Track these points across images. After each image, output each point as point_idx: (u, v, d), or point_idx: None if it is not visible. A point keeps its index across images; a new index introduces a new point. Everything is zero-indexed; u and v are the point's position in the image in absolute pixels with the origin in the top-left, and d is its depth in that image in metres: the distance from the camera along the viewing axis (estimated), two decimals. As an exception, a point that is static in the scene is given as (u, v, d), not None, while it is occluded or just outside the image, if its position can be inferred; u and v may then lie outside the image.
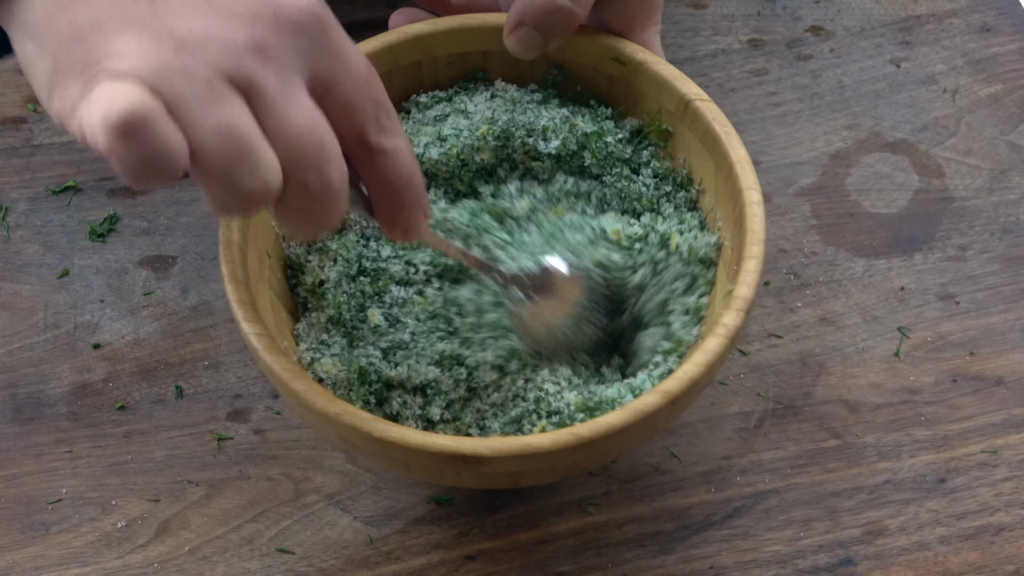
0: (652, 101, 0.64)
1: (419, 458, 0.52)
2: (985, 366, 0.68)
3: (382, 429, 0.52)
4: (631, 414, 0.52)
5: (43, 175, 0.76)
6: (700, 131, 0.62)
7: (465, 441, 0.51)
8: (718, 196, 0.61)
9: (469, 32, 0.64)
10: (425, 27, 0.64)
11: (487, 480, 0.56)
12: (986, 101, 0.80)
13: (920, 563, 0.62)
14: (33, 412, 0.66)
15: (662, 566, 0.62)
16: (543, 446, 0.51)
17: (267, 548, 0.62)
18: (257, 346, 0.54)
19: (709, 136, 0.61)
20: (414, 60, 0.65)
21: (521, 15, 0.60)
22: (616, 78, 0.65)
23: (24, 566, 0.61)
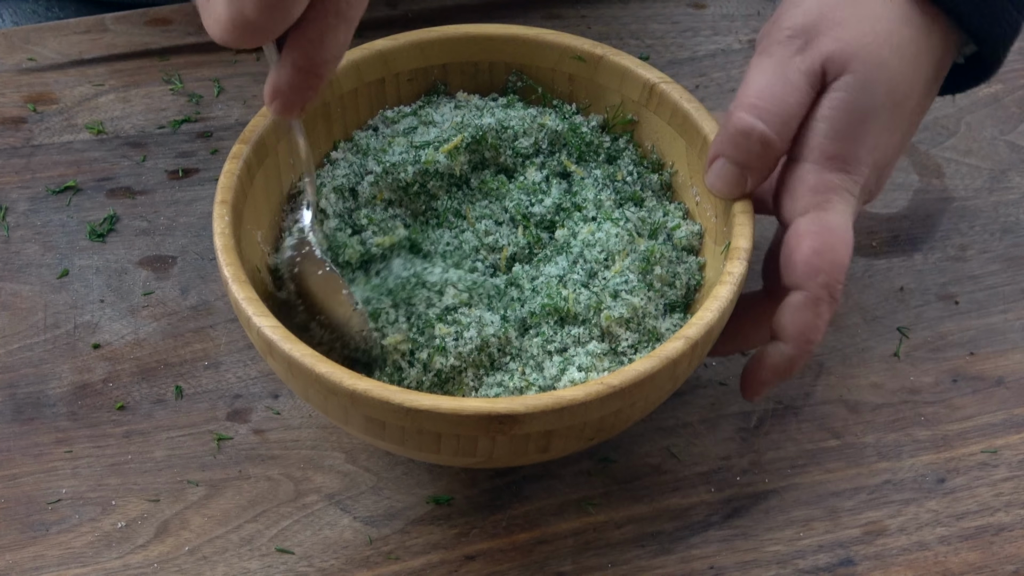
0: (614, 94, 0.65)
1: (452, 426, 0.53)
2: (985, 366, 0.68)
3: (413, 399, 0.52)
4: (657, 360, 0.53)
5: (43, 175, 0.76)
6: (667, 113, 0.63)
7: (498, 401, 0.52)
8: (692, 173, 0.62)
9: (430, 46, 0.66)
10: (387, 42, 0.65)
11: (519, 447, 0.55)
12: (986, 101, 0.80)
13: (920, 563, 0.62)
14: (33, 412, 0.66)
15: (662, 566, 0.62)
16: (576, 398, 0.52)
17: (267, 548, 0.62)
18: (273, 338, 0.54)
19: (678, 115, 0.62)
20: (378, 77, 0.66)
21: (719, 146, 0.57)
22: (576, 76, 0.66)
23: (24, 566, 0.61)
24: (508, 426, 0.53)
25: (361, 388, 0.53)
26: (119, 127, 0.78)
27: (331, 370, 0.53)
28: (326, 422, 0.66)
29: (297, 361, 0.54)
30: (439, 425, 0.53)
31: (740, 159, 0.57)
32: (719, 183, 0.58)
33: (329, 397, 0.54)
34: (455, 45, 0.66)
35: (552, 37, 0.65)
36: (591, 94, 0.66)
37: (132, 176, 0.76)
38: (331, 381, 0.53)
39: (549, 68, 0.66)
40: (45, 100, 0.79)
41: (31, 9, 0.92)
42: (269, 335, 0.54)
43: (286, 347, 0.54)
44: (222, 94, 0.79)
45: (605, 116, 0.66)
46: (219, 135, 0.77)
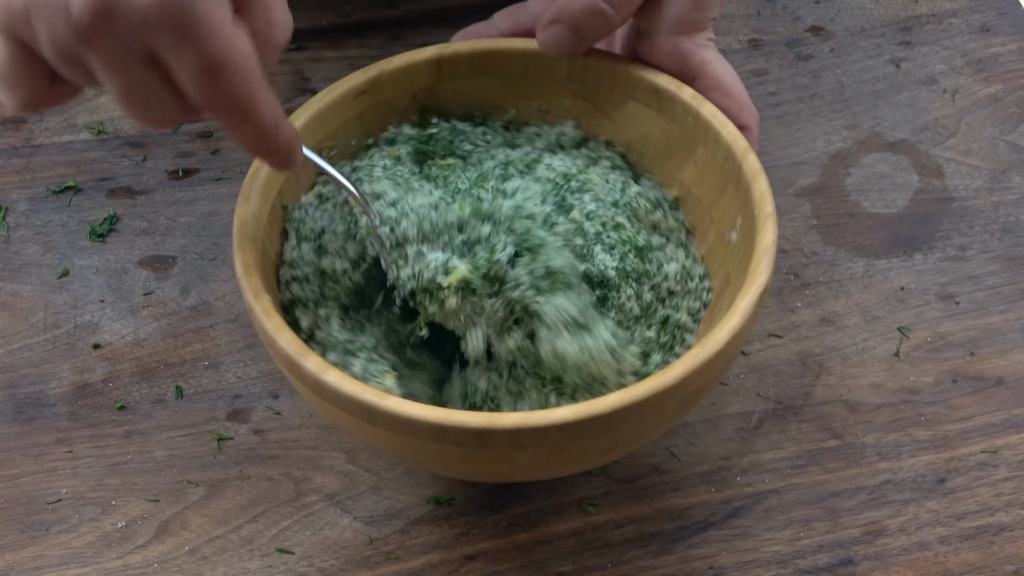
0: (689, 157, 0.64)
1: (505, 439, 0.51)
2: (985, 366, 0.68)
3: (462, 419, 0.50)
4: (643, 392, 0.51)
5: (43, 175, 0.76)
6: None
7: (557, 412, 0.50)
8: (707, 186, 0.62)
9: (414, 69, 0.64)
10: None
11: (582, 457, 0.54)
12: (986, 101, 0.80)
13: (920, 563, 0.62)
14: (33, 412, 0.66)
15: (662, 566, 0.62)
16: (669, 381, 0.51)
17: (267, 548, 0.62)
18: (265, 323, 0.53)
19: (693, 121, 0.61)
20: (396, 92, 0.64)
21: (558, 13, 0.60)
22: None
23: (24, 566, 0.61)
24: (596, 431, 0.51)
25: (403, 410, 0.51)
26: (119, 127, 0.78)
27: (359, 389, 0.51)
28: (326, 422, 0.66)
29: (329, 384, 0.52)
30: (491, 441, 0.51)
31: (579, 30, 0.60)
32: (552, 46, 0.61)
33: (368, 418, 0.53)
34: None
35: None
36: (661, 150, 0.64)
37: (132, 176, 0.76)
38: (367, 401, 0.51)
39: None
40: (45, 100, 0.79)
41: (31, 9, 0.92)
42: (290, 353, 0.53)
43: (310, 365, 0.52)
44: (222, 94, 0.79)
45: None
46: (219, 135, 0.77)
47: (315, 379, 0.52)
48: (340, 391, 0.51)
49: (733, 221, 0.60)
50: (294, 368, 0.53)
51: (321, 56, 0.81)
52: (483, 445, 0.51)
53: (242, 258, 0.55)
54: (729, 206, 0.61)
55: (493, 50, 0.63)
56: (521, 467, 0.54)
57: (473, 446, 0.52)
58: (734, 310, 0.54)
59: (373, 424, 0.52)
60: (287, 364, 0.53)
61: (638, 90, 0.63)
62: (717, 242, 0.62)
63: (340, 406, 0.52)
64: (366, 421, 0.52)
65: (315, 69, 0.80)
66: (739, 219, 0.60)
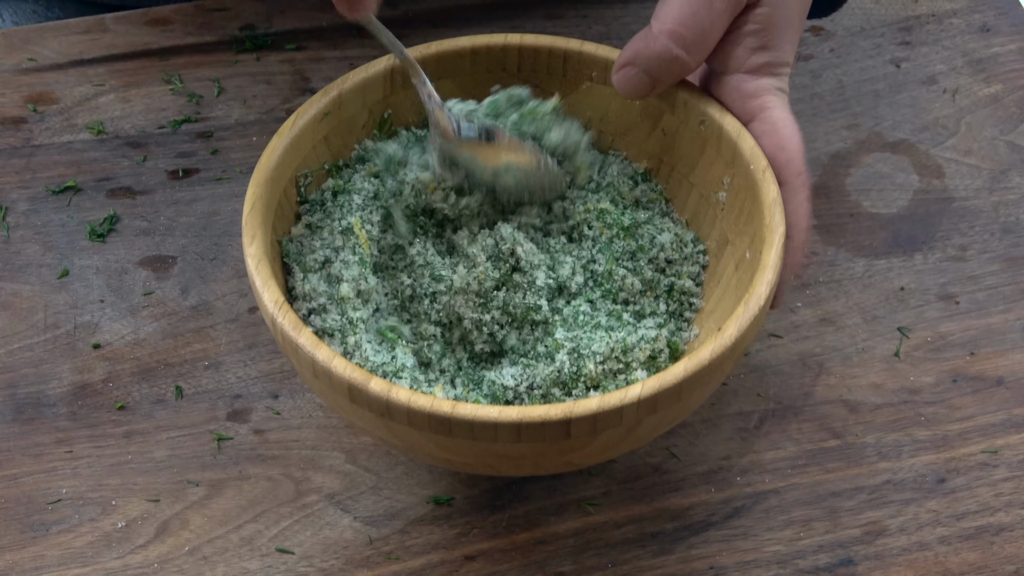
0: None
1: (543, 431, 0.51)
2: (985, 366, 0.68)
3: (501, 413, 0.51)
4: (707, 357, 0.53)
5: (43, 175, 0.76)
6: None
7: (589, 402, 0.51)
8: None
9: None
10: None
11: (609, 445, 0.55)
12: (986, 101, 0.80)
13: (920, 563, 0.62)
14: (33, 412, 0.66)
15: (662, 566, 0.62)
16: (727, 341, 0.53)
17: (267, 548, 0.62)
18: (316, 356, 0.53)
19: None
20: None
21: (634, 56, 0.60)
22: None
23: (24, 566, 0.61)
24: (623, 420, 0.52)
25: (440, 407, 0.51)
26: (119, 127, 0.78)
27: (385, 388, 0.52)
28: (326, 422, 0.66)
29: (356, 382, 0.52)
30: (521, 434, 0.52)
31: (654, 74, 0.60)
32: (628, 88, 0.61)
33: (399, 417, 0.53)
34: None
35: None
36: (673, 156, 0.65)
37: (132, 176, 0.76)
38: (398, 399, 0.51)
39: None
40: (45, 100, 0.79)
41: (31, 9, 0.92)
42: (316, 356, 0.53)
43: (336, 364, 0.52)
44: (222, 94, 0.79)
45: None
46: (219, 135, 0.77)
47: (383, 400, 0.51)
48: (412, 407, 0.51)
49: (719, 181, 0.62)
50: (359, 394, 0.52)
51: (321, 56, 0.81)
52: (566, 435, 0.52)
53: (270, 295, 0.55)
54: (711, 168, 0.62)
55: (443, 52, 0.63)
56: (595, 451, 0.55)
57: (553, 439, 0.52)
58: (764, 264, 0.55)
59: (450, 436, 0.52)
60: (349, 391, 0.53)
61: (593, 69, 0.63)
62: (702, 204, 0.63)
63: (413, 423, 0.52)
64: (442, 433, 0.52)
65: (315, 69, 0.80)
66: (727, 178, 0.61)
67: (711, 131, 0.61)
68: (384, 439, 0.56)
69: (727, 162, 0.61)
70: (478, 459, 0.55)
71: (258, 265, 0.55)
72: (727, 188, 0.61)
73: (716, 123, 0.61)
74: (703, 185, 0.63)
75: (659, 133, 0.64)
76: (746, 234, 0.60)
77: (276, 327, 0.54)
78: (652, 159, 0.65)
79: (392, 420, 0.52)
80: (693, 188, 0.64)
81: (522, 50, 0.63)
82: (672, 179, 0.65)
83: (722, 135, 0.60)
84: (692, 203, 0.64)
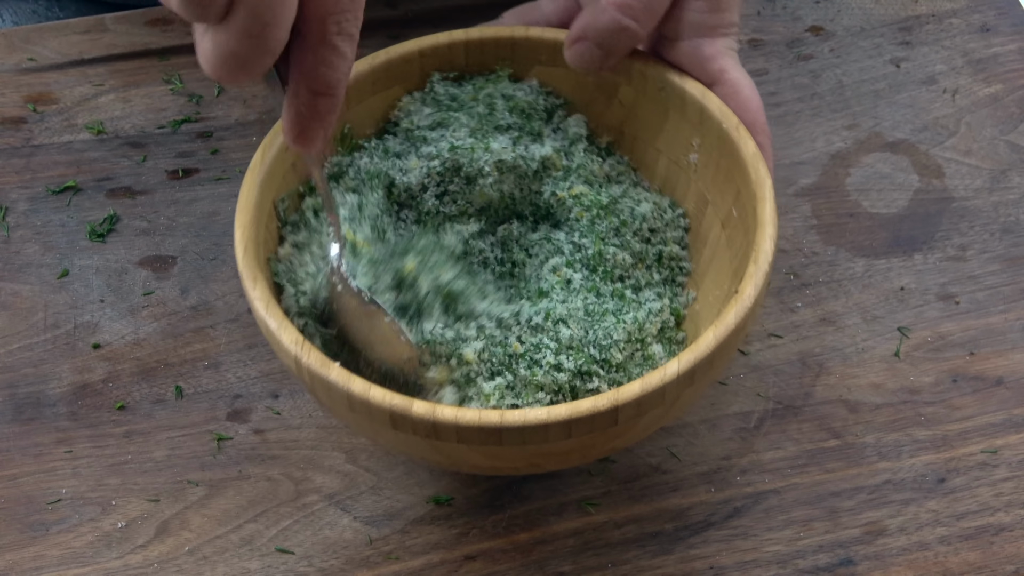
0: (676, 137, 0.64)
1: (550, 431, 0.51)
2: (985, 366, 0.68)
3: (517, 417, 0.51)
4: (733, 321, 0.53)
5: (43, 175, 0.76)
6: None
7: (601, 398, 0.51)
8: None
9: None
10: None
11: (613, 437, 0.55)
12: (986, 101, 0.80)
13: (920, 563, 0.62)
14: (33, 412, 0.66)
15: (662, 566, 0.62)
16: (748, 303, 0.53)
17: (267, 548, 0.62)
18: (351, 389, 0.52)
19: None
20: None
21: (583, 30, 0.60)
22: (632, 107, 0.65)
23: (24, 566, 0.61)
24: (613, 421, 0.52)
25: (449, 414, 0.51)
26: (119, 127, 0.78)
27: (395, 400, 0.52)
28: (326, 422, 0.66)
29: (358, 395, 0.52)
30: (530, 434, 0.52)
31: (605, 46, 0.60)
32: (580, 62, 0.61)
33: (401, 427, 0.52)
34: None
35: None
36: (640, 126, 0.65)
37: (132, 176, 0.76)
38: (408, 411, 0.51)
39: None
40: (45, 100, 0.79)
41: (31, 9, 0.92)
42: (319, 371, 0.52)
43: (338, 379, 0.52)
44: (222, 94, 0.79)
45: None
46: (219, 135, 0.77)
47: (429, 422, 0.51)
48: (460, 424, 0.51)
49: (688, 144, 0.62)
50: (402, 420, 0.52)
51: (321, 56, 0.81)
52: (614, 423, 0.52)
53: (288, 336, 0.54)
54: (678, 132, 0.63)
55: (391, 59, 0.63)
56: (638, 432, 0.55)
57: (602, 428, 0.52)
58: (762, 220, 0.56)
59: (500, 444, 0.52)
60: (391, 419, 0.52)
61: (541, 53, 0.64)
62: (672, 169, 0.64)
63: (462, 439, 0.52)
64: (492, 443, 0.52)
65: (315, 69, 0.80)
66: (697, 140, 0.62)
67: (673, 96, 0.62)
68: (427, 458, 0.56)
69: (694, 124, 0.61)
70: (526, 460, 0.55)
71: (268, 308, 0.54)
72: (697, 149, 0.62)
73: (678, 87, 0.61)
74: (671, 150, 0.64)
75: (617, 105, 0.64)
76: (727, 192, 0.60)
77: (302, 367, 0.53)
78: (613, 131, 0.66)
79: (439, 440, 0.52)
80: (660, 154, 0.64)
81: (468, 45, 0.64)
82: (636, 148, 0.65)
83: (685, 98, 0.61)
84: (662, 169, 0.65)
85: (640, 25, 0.59)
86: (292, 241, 0.61)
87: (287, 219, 0.61)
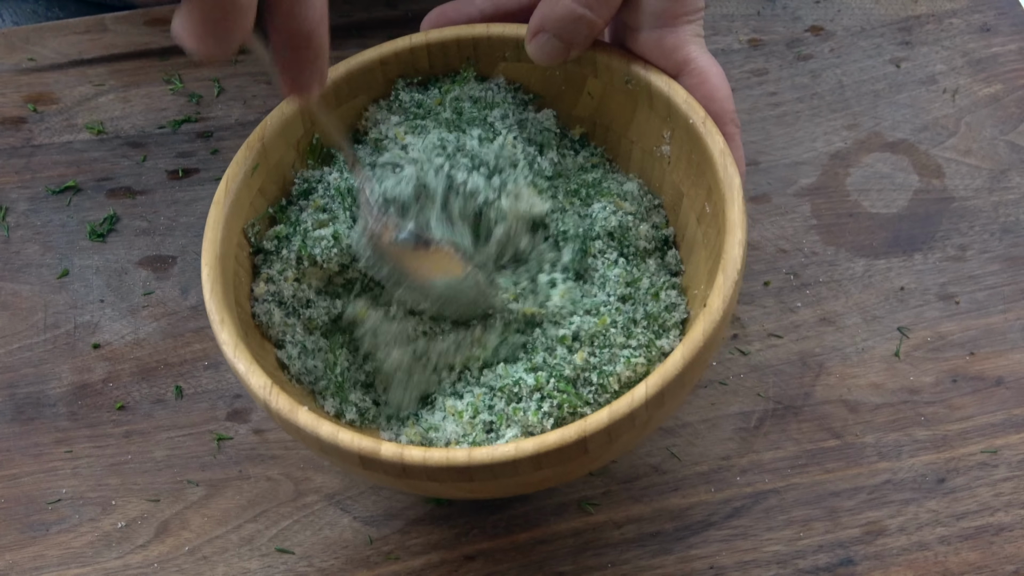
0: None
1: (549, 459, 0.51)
2: (985, 366, 0.68)
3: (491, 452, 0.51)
4: (701, 338, 0.52)
5: (43, 175, 0.76)
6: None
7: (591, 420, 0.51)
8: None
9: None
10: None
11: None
12: (986, 101, 0.80)
13: (920, 563, 0.62)
14: (33, 412, 0.66)
15: (662, 566, 0.62)
16: (716, 316, 0.53)
17: (267, 548, 0.62)
18: (320, 433, 0.52)
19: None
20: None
21: (541, 22, 0.60)
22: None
23: (24, 566, 0.61)
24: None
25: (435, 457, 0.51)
26: (119, 127, 0.78)
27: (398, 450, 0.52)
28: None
29: (345, 446, 0.52)
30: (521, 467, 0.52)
31: (565, 37, 0.60)
32: (542, 55, 0.61)
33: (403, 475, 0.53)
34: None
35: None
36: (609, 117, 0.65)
37: (132, 176, 0.76)
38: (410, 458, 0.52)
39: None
40: (45, 100, 0.79)
41: (31, 9, 0.92)
42: (302, 421, 0.52)
43: (327, 432, 0.52)
44: (222, 94, 0.79)
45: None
46: (219, 135, 0.77)
47: (398, 464, 0.51)
48: (428, 465, 0.51)
49: (659, 136, 0.62)
50: (372, 463, 0.52)
51: (321, 56, 0.81)
52: (584, 452, 0.52)
53: (256, 380, 0.54)
54: (647, 124, 0.62)
55: (352, 70, 0.63)
56: (612, 454, 0.55)
57: (572, 458, 0.52)
58: (731, 223, 0.55)
59: (471, 481, 0.52)
60: (360, 461, 0.52)
61: (504, 50, 0.63)
62: (647, 159, 0.63)
63: (432, 478, 0.52)
64: (463, 480, 0.52)
65: (315, 69, 0.80)
66: (667, 132, 0.61)
67: (640, 89, 0.61)
68: (404, 491, 0.56)
69: (662, 117, 0.61)
70: (501, 491, 0.55)
71: (236, 351, 0.54)
72: (669, 142, 0.61)
73: (643, 80, 0.60)
74: (643, 141, 0.63)
75: (586, 97, 0.64)
76: (700, 186, 0.60)
77: (272, 411, 0.53)
78: (585, 123, 0.65)
79: (410, 478, 0.53)
80: (634, 145, 0.64)
81: (430, 48, 0.63)
82: (610, 139, 0.65)
83: (652, 91, 0.60)
84: (636, 159, 0.64)
85: (596, 14, 0.59)
86: (266, 276, 0.60)
87: (259, 244, 0.61)
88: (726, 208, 0.56)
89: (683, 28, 0.60)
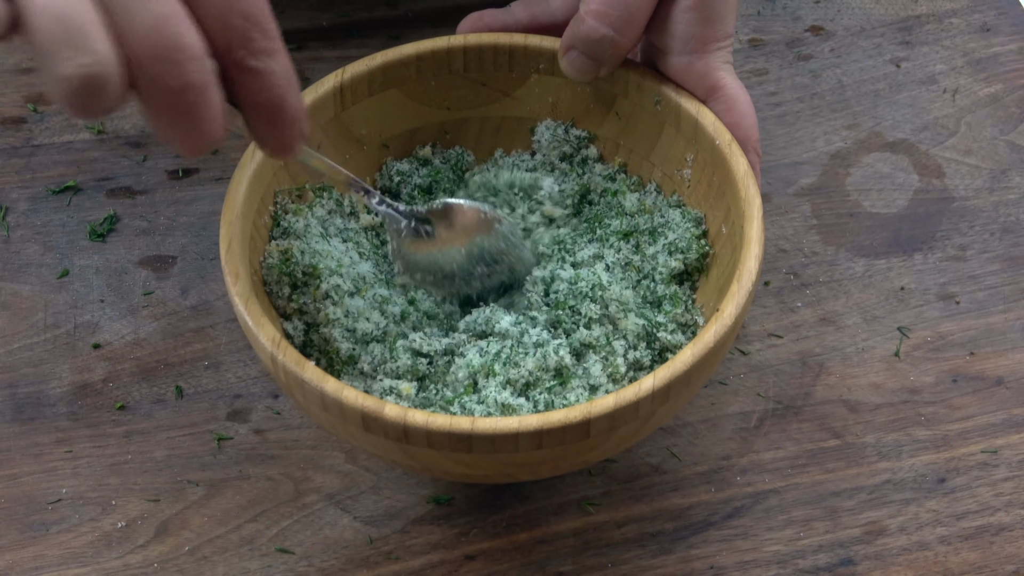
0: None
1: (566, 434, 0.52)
2: (985, 366, 0.68)
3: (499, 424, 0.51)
4: (712, 340, 0.53)
5: (43, 175, 0.76)
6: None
7: (596, 404, 0.52)
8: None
9: None
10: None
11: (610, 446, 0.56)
12: (986, 101, 0.80)
13: (920, 563, 0.62)
14: (33, 412, 0.66)
15: (662, 566, 0.62)
16: (727, 323, 0.53)
17: (267, 548, 0.62)
18: (324, 388, 0.52)
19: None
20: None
21: (571, 39, 0.61)
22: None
23: (24, 566, 0.61)
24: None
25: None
26: (119, 127, 0.78)
27: (422, 418, 0.51)
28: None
29: (372, 412, 0.52)
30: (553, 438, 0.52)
31: (592, 55, 0.61)
32: (573, 70, 0.62)
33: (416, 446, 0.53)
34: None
35: None
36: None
37: (132, 176, 0.76)
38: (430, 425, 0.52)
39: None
40: (45, 100, 0.79)
41: (31, 9, 0.92)
42: (323, 388, 0.52)
43: (353, 396, 0.52)
44: (222, 94, 0.79)
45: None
46: (219, 135, 0.77)
47: (400, 426, 0.51)
48: (431, 429, 0.51)
49: (681, 159, 0.62)
50: (374, 422, 0.52)
51: (321, 56, 0.81)
52: (585, 436, 0.52)
53: (265, 334, 0.54)
54: (672, 146, 0.63)
55: (388, 62, 0.63)
56: (611, 447, 0.55)
57: (573, 441, 0.52)
58: (749, 239, 0.56)
59: (470, 452, 0.52)
60: (363, 420, 0.52)
61: (539, 61, 0.64)
62: (666, 182, 0.64)
63: (432, 444, 0.52)
64: (462, 450, 0.52)
65: (315, 69, 0.80)
66: (690, 155, 0.62)
67: (668, 110, 0.62)
68: (398, 461, 0.56)
69: (688, 139, 0.61)
70: (497, 469, 0.55)
71: (247, 304, 0.54)
72: (690, 165, 0.62)
73: (673, 102, 0.61)
74: (664, 164, 0.64)
75: (614, 116, 0.65)
76: (718, 208, 0.60)
77: (277, 365, 0.53)
78: (609, 143, 0.66)
79: (410, 444, 0.52)
80: (655, 168, 0.64)
81: (467, 50, 0.63)
82: (632, 161, 0.65)
83: (680, 113, 0.61)
84: (656, 180, 0.65)
85: (619, 34, 0.59)
86: (282, 247, 0.60)
87: (280, 220, 0.61)
88: (745, 225, 0.57)
89: (713, 55, 0.60)
